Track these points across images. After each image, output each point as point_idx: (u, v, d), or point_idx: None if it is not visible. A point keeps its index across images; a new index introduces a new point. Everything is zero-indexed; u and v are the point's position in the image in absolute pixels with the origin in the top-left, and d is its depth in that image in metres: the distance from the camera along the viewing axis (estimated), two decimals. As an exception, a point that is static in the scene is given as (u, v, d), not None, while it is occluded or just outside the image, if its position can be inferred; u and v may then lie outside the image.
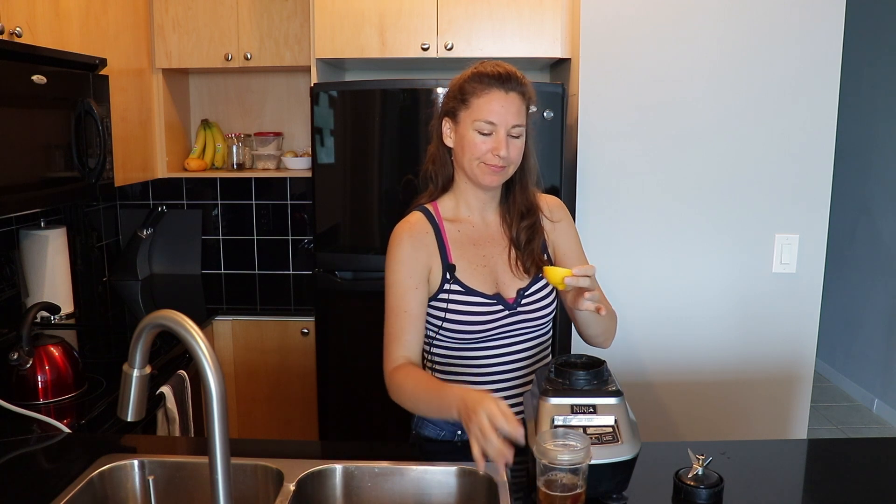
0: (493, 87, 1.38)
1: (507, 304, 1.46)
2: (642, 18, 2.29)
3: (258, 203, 3.20)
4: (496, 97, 1.38)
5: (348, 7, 2.52)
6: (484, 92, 1.38)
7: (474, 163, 1.41)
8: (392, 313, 1.44)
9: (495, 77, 1.39)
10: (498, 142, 1.38)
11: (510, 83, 1.39)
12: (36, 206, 2.00)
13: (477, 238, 1.50)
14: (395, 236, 1.48)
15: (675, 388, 2.44)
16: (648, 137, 2.34)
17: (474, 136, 1.39)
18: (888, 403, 4.07)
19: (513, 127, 1.39)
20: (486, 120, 1.38)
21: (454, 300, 1.44)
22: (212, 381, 0.93)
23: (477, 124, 1.39)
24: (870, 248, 4.29)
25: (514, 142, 1.40)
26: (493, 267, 1.48)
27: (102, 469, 1.29)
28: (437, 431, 1.54)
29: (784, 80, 2.28)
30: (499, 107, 1.38)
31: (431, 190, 1.53)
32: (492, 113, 1.38)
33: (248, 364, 2.67)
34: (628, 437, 1.19)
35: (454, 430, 1.52)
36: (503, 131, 1.38)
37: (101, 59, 2.24)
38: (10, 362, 1.73)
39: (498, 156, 1.38)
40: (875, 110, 4.23)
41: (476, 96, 1.39)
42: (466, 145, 1.41)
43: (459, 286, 1.44)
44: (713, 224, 2.36)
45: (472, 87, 1.40)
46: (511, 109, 1.38)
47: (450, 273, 1.45)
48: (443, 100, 1.48)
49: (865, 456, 1.46)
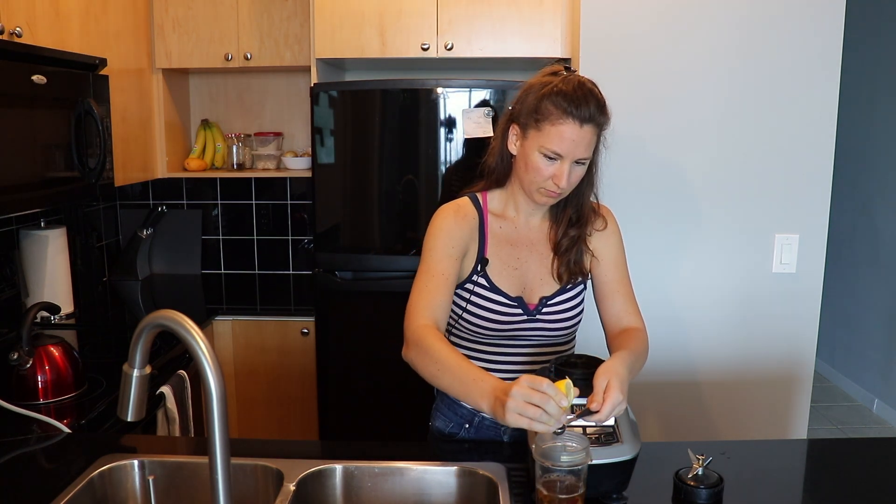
0: (568, 118, 1.31)
1: (528, 310, 1.46)
2: (642, 18, 2.28)
3: (258, 203, 3.20)
4: (569, 129, 1.31)
5: (348, 7, 2.52)
6: (559, 121, 1.31)
7: (533, 185, 1.39)
8: (427, 273, 1.40)
9: (574, 105, 1.31)
10: (561, 172, 1.34)
11: (587, 113, 1.31)
12: (36, 206, 2.00)
13: (516, 239, 1.49)
14: (440, 212, 1.47)
15: (675, 388, 2.44)
16: (648, 137, 2.34)
17: (538, 160, 1.35)
18: (888, 403, 4.07)
19: (579, 158, 1.35)
20: (553, 151, 1.33)
21: (478, 293, 1.45)
22: (212, 381, 0.93)
23: (544, 150, 1.34)
24: (870, 248, 4.29)
25: (576, 169, 1.36)
26: (525, 270, 1.48)
27: (102, 469, 1.29)
28: (446, 423, 1.55)
29: (784, 80, 2.28)
30: (570, 141, 1.32)
31: (485, 182, 1.51)
32: (562, 145, 1.32)
33: (248, 364, 2.67)
34: (628, 437, 1.19)
35: (462, 423, 1.53)
36: (568, 163, 1.34)
37: (101, 59, 2.24)
38: (10, 362, 1.73)
39: (557, 185, 1.35)
40: (875, 110, 4.23)
41: (550, 123, 1.32)
42: (529, 165, 1.37)
43: (486, 281, 1.45)
44: (713, 224, 2.36)
45: (548, 110, 1.33)
46: (582, 144, 1.33)
47: (481, 265, 1.45)
48: (515, 99, 1.42)
49: (865, 456, 1.46)
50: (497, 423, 1.49)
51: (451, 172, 2.42)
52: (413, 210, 2.49)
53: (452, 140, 2.41)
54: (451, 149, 2.42)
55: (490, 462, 1.32)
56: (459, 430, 1.54)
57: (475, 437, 1.53)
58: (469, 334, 1.49)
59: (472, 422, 1.53)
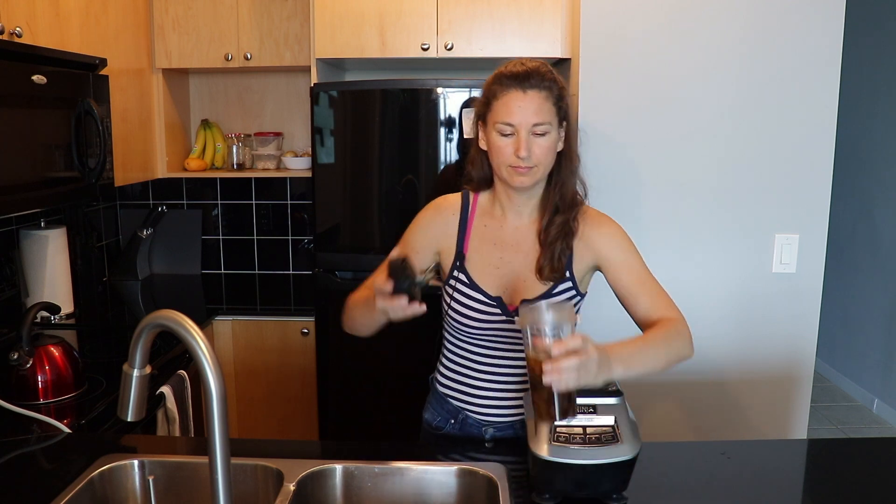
0: (511, 88, 1.36)
1: (507, 311, 1.45)
2: (642, 18, 2.28)
3: (258, 203, 3.20)
4: (513, 97, 1.35)
5: (348, 7, 2.52)
6: (503, 93, 1.36)
7: (502, 167, 1.40)
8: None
9: (513, 77, 1.36)
10: (518, 142, 1.36)
11: (529, 81, 1.35)
12: (36, 206, 2.00)
13: (501, 239, 1.48)
14: (428, 205, 1.57)
15: (676, 388, 2.44)
16: (648, 137, 2.34)
17: (498, 139, 1.38)
18: (888, 403, 4.07)
19: (534, 125, 1.35)
20: (504, 122, 1.36)
21: (459, 290, 1.46)
22: (212, 381, 0.93)
23: (498, 126, 1.37)
24: (870, 248, 4.29)
25: (537, 140, 1.36)
26: (507, 271, 1.47)
27: (102, 469, 1.29)
28: (434, 416, 1.60)
29: (784, 80, 2.28)
30: (516, 107, 1.35)
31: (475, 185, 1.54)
32: (509, 114, 1.35)
33: (248, 364, 2.67)
34: (628, 437, 1.19)
35: (448, 418, 1.57)
36: (524, 132, 1.35)
37: (101, 59, 2.24)
38: (10, 362, 1.73)
39: (519, 156, 1.36)
40: (875, 110, 4.23)
41: (496, 98, 1.37)
42: (493, 149, 1.40)
43: (466, 278, 1.46)
44: (713, 224, 2.36)
45: (493, 90, 1.38)
46: (530, 108, 1.35)
47: (459, 262, 1.47)
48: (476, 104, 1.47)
49: (865, 456, 1.46)
50: (480, 421, 1.53)
51: (450, 172, 2.42)
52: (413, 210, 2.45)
53: (452, 140, 2.41)
54: (450, 149, 2.42)
55: (490, 462, 1.32)
56: (445, 425, 1.57)
57: (459, 432, 1.56)
58: (455, 332, 1.52)
59: (456, 417, 1.56)
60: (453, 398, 1.56)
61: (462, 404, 1.54)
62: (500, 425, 1.53)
